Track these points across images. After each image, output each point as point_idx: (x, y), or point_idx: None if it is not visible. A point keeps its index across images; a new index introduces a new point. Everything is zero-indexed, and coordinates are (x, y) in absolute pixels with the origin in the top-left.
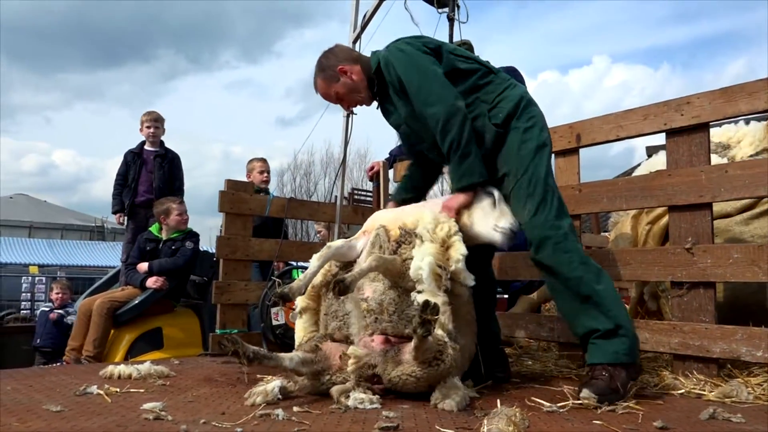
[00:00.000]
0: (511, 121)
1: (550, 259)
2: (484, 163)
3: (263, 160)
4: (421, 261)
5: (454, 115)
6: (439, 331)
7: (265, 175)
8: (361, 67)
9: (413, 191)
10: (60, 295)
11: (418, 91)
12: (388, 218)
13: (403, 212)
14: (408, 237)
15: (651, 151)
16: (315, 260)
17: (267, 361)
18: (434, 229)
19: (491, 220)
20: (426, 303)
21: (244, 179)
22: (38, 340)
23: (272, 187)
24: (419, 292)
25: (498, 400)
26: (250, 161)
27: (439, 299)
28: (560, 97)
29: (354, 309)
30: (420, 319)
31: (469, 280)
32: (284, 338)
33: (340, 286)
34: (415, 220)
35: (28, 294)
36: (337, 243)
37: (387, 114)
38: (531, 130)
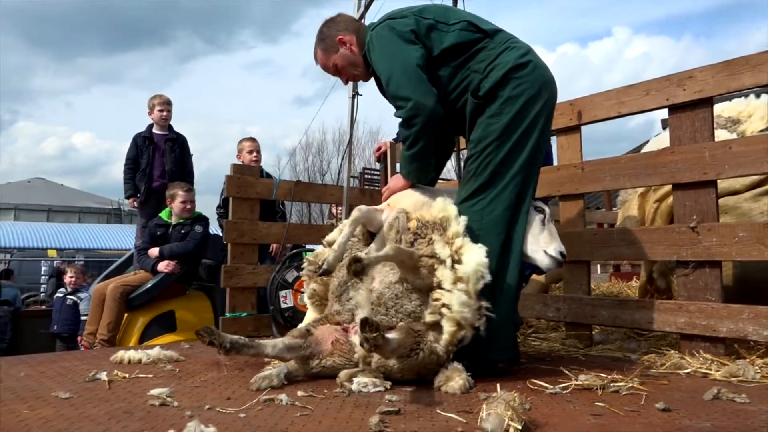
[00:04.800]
0: (497, 89)
1: None
2: (463, 127)
3: (252, 140)
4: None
5: (417, 115)
6: (418, 326)
7: (255, 155)
8: (357, 41)
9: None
10: (73, 279)
11: (387, 84)
12: (412, 204)
13: (425, 201)
14: (424, 230)
15: (667, 123)
16: (347, 225)
17: (246, 350)
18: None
19: (541, 242)
20: (364, 321)
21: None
22: (55, 327)
23: (285, 167)
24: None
25: (498, 384)
26: (240, 141)
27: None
28: (580, 70)
29: (357, 296)
30: (362, 338)
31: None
32: (293, 321)
33: (356, 266)
34: (435, 214)
35: (47, 277)
36: (366, 207)
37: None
38: (512, 101)
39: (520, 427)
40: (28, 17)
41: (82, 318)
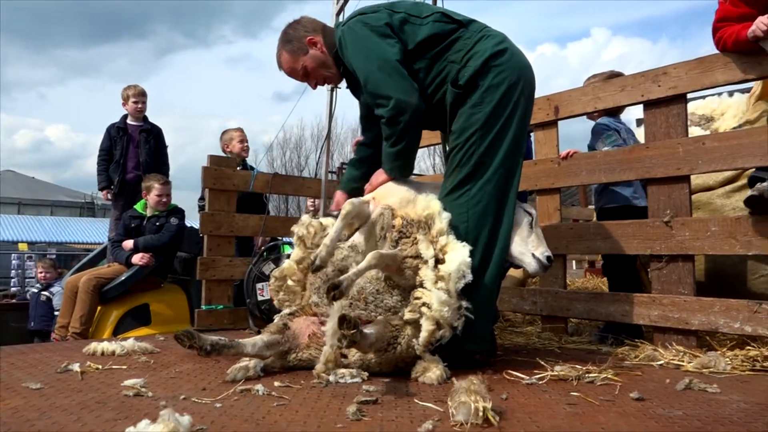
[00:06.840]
0: (478, 78)
1: None
2: (441, 120)
3: (240, 130)
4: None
5: (400, 113)
6: (395, 320)
7: (245, 144)
8: (324, 41)
9: (365, 179)
10: (44, 274)
11: (366, 82)
12: (398, 200)
13: (410, 198)
14: (409, 229)
15: (642, 122)
16: (338, 219)
17: (227, 351)
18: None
19: (529, 245)
20: (342, 318)
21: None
22: (32, 324)
23: (262, 161)
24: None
25: (453, 379)
26: (227, 131)
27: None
28: (558, 70)
29: None
30: (339, 334)
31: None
32: (270, 313)
33: (335, 292)
34: (420, 212)
35: (18, 271)
36: (357, 199)
37: (357, 93)
38: (493, 90)
39: (489, 406)
40: (4, 7)
41: (56, 313)
